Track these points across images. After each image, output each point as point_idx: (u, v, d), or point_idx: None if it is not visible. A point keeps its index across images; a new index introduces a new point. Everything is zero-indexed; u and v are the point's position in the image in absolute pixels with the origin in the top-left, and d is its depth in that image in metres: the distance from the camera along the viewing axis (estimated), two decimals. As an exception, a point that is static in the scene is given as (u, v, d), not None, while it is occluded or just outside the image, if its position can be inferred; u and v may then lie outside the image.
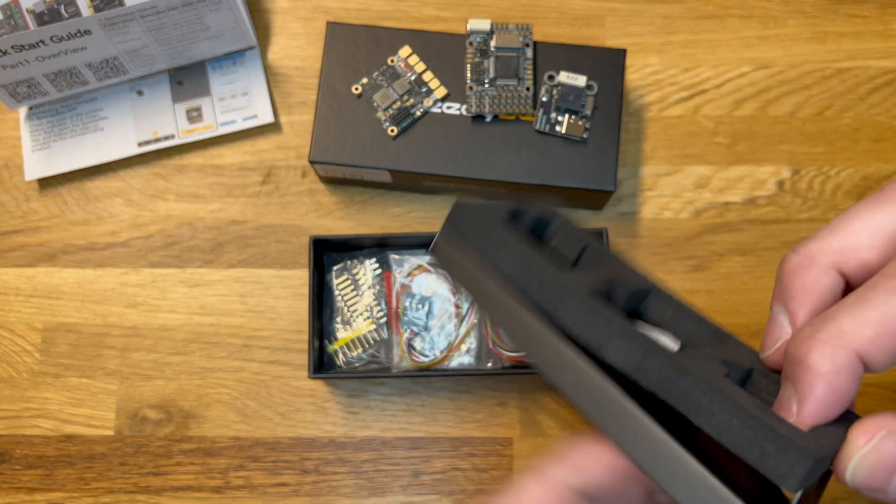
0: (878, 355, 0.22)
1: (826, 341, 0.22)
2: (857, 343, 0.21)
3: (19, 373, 0.48)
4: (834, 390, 0.22)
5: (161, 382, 0.48)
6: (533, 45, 0.46)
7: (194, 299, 0.49)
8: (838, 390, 0.22)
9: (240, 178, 0.50)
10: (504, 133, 0.46)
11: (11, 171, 0.51)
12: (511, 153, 0.45)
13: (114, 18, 0.45)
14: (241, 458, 0.47)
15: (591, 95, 0.45)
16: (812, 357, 0.22)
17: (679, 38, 0.51)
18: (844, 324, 0.22)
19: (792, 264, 0.24)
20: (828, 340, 0.22)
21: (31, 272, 0.50)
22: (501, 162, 0.45)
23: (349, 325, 0.46)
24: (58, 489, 0.47)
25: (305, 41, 0.52)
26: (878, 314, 0.21)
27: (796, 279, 0.24)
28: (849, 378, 0.22)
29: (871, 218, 0.23)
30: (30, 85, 0.48)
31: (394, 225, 0.49)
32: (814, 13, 0.51)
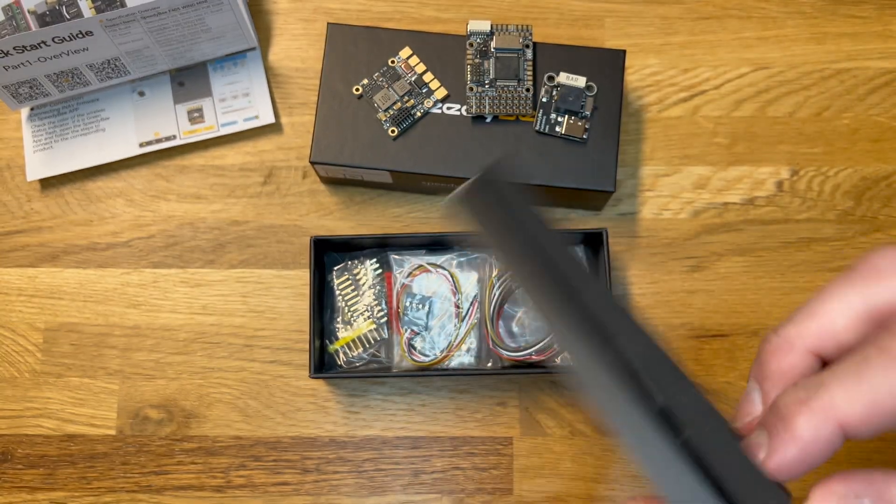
0: (863, 431, 0.22)
1: (816, 410, 0.22)
2: (846, 418, 0.22)
3: (21, 373, 0.49)
4: (805, 457, 0.23)
5: (162, 382, 0.48)
6: (533, 46, 0.46)
7: (196, 299, 0.49)
8: (809, 458, 0.23)
9: (241, 179, 0.50)
10: (504, 134, 0.46)
11: (13, 171, 0.51)
12: (511, 154, 0.46)
13: (115, 19, 0.45)
14: (243, 458, 0.47)
15: (591, 96, 0.46)
16: (798, 421, 0.23)
17: (678, 38, 0.51)
18: (836, 396, 0.22)
19: (772, 346, 0.25)
20: (818, 410, 0.22)
21: (32, 272, 0.50)
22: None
23: (350, 324, 0.47)
24: (60, 488, 0.47)
25: (306, 42, 0.52)
26: (870, 392, 0.22)
27: (774, 361, 0.25)
28: (824, 448, 0.23)
29: (845, 299, 0.24)
30: (32, 86, 0.48)
31: (394, 225, 0.49)
32: (813, 14, 0.51)
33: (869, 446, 0.46)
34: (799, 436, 0.23)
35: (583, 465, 0.46)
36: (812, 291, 0.50)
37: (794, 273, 0.48)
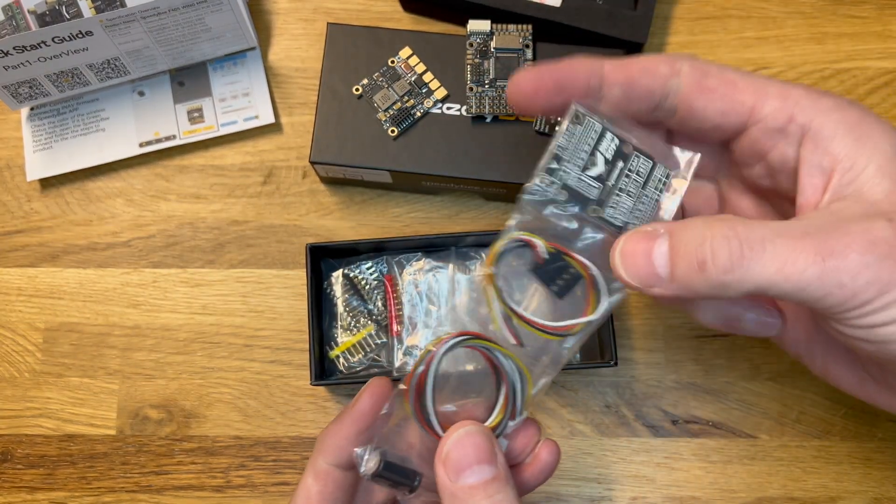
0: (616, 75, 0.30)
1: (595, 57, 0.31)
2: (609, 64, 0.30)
3: (21, 372, 0.49)
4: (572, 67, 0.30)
5: (162, 382, 0.48)
6: (533, 45, 0.46)
7: (195, 299, 0.49)
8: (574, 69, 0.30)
9: (241, 179, 0.51)
10: (504, 134, 0.46)
11: (13, 171, 0.51)
12: (511, 154, 0.46)
13: (115, 19, 0.45)
14: (243, 458, 0.47)
15: (591, 96, 0.46)
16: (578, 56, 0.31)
17: (678, 38, 0.51)
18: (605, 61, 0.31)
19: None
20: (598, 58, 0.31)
21: (32, 272, 0.50)
22: (501, 162, 0.45)
23: (349, 330, 0.46)
24: (59, 488, 0.47)
25: (306, 42, 0.52)
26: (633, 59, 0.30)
27: None
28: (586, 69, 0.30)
29: None
30: (31, 86, 0.48)
31: (394, 225, 0.49)
32: (813, 14, 0.51)
33: (870, 446, 0.46)
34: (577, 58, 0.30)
35: (582, 465, 0.46)
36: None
37: (794, 273, 0.48)
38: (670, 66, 0.30)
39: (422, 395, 0.28)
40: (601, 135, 0.29)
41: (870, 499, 0.45)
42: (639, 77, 0.30)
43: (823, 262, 0.24)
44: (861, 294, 0.24)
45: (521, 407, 0.30)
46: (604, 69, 0.30)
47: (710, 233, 0.25)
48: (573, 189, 0.29)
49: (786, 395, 0.46)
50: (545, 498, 0.46)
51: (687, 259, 0.26)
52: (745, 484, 0.46)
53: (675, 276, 0.26)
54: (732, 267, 0.25)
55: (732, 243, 0.25)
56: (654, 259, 0.26)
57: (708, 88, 0.29)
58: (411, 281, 0.47)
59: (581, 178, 0.29)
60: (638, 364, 0.47)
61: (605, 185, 0.29)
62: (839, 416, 0.46)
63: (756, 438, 0.46)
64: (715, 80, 0.30)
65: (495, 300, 0.29)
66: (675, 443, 0.46)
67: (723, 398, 0.47)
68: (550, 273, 0.29)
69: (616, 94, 0.30)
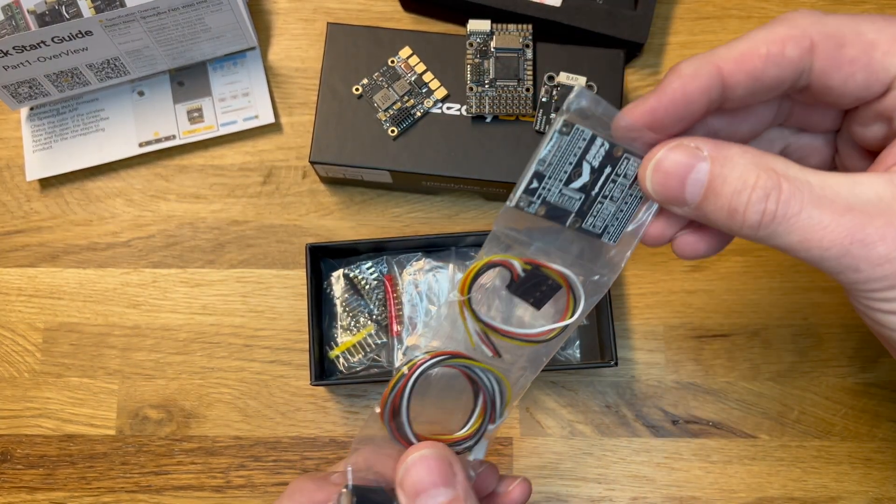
0: (738, 75, 0.25)
1: (699, 57, 0.26)
2: (723, 61, 0.25)
3: (21, 372, 0.49)
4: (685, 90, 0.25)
5: (162, 382, 0.48)
6: (533, 45, 0.46)
7: (195, 299, 0.49)
8: (688, 92, 0.25)
9: (241, 179, 0.50)
10: (504, 133, 0.46)
11: (13, 171, 0.51)
12: (511, 153, 0.46)
13: (115, 19, 0.45)
14: (242, 458, 0.47)
15: (591, 96, 0.46)
16: (681, 64, 0.26)
17: (678, 38, 0.51)
18: (720, 49, 0.26)
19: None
20: (701, 57, 0.26)
21: (32, 272, 0.50)
22: (501, 162, 0.45)
23: (349, 330, 0.46)
24: (59, 488, 0.47)
25: (306, 42, 0.52)
26: (746, 42, 0.25)
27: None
28: (702, 85, 0.25)
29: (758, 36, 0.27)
30: (31, 85, 0.48)
31: (394, 225, 0.49)
32: (813, 14, 0.51)
33: (870, 446, 0.46)
34: (680, 71, 0.26)
35: (583, 465, 0.46)
36: (812, 291, 0.50)
37: (794, 273, 0.48)
38: (798, 46, 0.25)
39: (397, 416, 0.28)
40: (590, 142, 0.27)
41: (870, 499, 0.45)
42: (765, 69, 0.25)
43: (849, 245, 0.23)
44: (873, 283, 0.24)
45: (500, 410, 0.30)
46: (722, 72, 0.25)
47: (753, 180, 0.24)
48: (553, 205, 0.27)
49: (786, 395, 0.46)
50: (545, 498, 0.46)
51: (721, 200, 0.24)
52: (745, 484, 0.46)
53: (700, 208, 0.25)
54: (760, 226, 0.24)
55: (770, 202, 0.24)
56: (687, 184, 0.25)
57: (847, 61, 0.25)
58: (411, 281, 0.47)
59: (563, 192, 0.27)
60: (638, 364, 0.47)
61: (588, 195, 0.27)
62: (839, 416, 0.46)
63: (756, 438, 0.46)
64: (854, 49, 0.25)
65: (470, 320, 0.28)
66: (676, 443, 0.46)
67: (723, 398, 0.47)
68: (527, 288, 0.28)
69: (740, 94, 0.26)
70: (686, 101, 0.25)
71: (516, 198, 0.27)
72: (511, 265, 0.28)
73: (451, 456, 0.28)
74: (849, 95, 0.26)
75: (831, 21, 0.25)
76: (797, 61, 0.25)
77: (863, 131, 0.28)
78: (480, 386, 0.29)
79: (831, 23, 0.25)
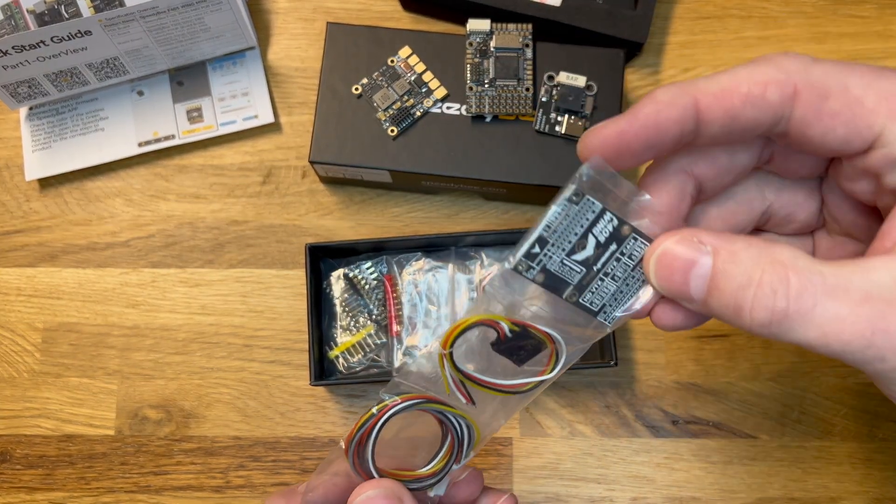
0: (715, 111, 0.24)
1: (678, 85, 0.25)
2: (701, 94, 0.24)
3: (20, 373, 0.48)
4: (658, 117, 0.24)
5: (161, 382, 0.48)
6: (533, 45, 0.46)
7: (195, 299, 0.49)
8: (661, 120, 0.24)
9: (240, 179, 0.50)
10: (504, 133, 0.46)
11: (12, 171, 0.51)
12: (511, 153, 0.45)
13: (114, 19, 0.45)
14: (242, 458, 0.47)
15: (591, 96, 0.46)
16: (658, 91, 0.25)
17: (678, 38, 0.51)
18: (699, 81, 0.25)
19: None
20: (679, 85, 0.25)
21: (31, 272, 0.50)
22: (501, 162, 0.45)
23: (349, 330, 0.46)
24: (58, 489, 0.47)
25: (306, 41, 0.52)
26: (727, 77, 0.25)
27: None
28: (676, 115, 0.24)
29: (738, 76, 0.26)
30: (30, 85, 0.48)
31: (394, 225, 0.49)
32: (814, 13, 0.51)
33: (870, 447, 0.46)
34: (655, 97, 0.25)
35: (583, 465, 0.46)
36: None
37: (794, 273, 0.48)
38: (781, 91, 0.24)
39: (362, 453, 0.28)
40: (599, 215, 0.25)
41: (871, 499, 0.45)
42: (742, 109, 0.24)
43: (871, 336, 0.22)
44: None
45: (466, 452, 0.29)
46: (698, 105, 0.24)
47: (759, 276, 0.22)
48: (552, 273, 0.26)
49: (786, 396, 0.46)
50: (545, 498, 0.46)
51: (725, 297, 0.23)
52: (745, 484, 0.45)
53: (706, 304, 0.24)
54: (770, 324, 0.22)
55: (779, 300, 0.22)
56: (690, 279, 0.24)
57: (829, 114, 0.24)
58: (411, 281, 0.47)
59: (564, 263, 0.26)
60: (638, 364, 0.47)
61: (590, 269, 0.26)
62: (840, 416, 0.46)
63: (756, 439, 0.46)
64: (838, 102, 0.24)
65: (449, 369, 0.28)
66: (676, 443, 0.46)
67: (723, 398, 0.46)
68: (512, 347, 0.28)
69: (714, 132, 0.25)
70: (658, 129, 0.24)
71: (515, 261, 0.26)
72: (499, 326, 0.27)
73: (403, 493, 0.28)
74: (827, 148, 0.25)
75: (819, 70, 0.24)
76: (777, 106, 0.24)
77: (850, 185, 0.27)
78: (449, 428, 0.29)
79: (818, 71, 0.24)
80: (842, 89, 0.24)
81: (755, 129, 0.25)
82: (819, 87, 0.24)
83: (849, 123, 0.24)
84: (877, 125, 0.24)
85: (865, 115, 0.24)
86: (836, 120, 0.24)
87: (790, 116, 0.25)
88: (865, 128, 0.24)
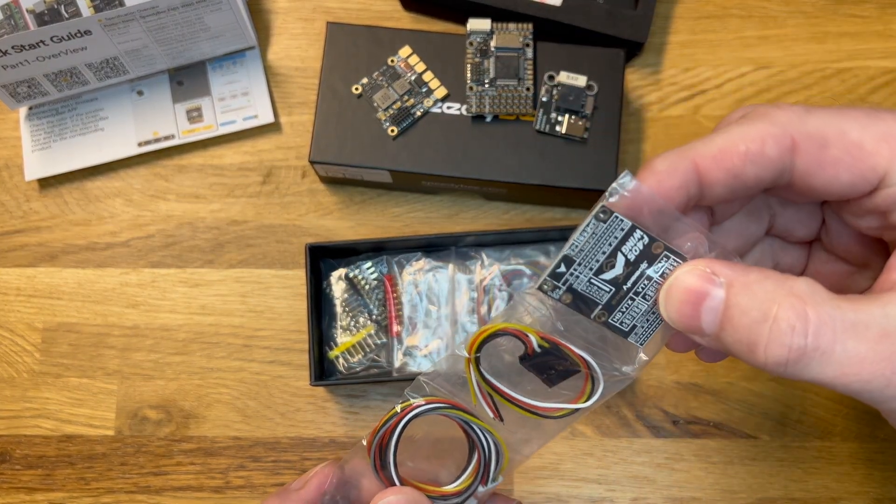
0: (717, 172, 0.24)
1: (676, 152, 0.24)
2: (700, 157, 0.24)
3: (19, 373, 0.48)
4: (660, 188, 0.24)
5: (161, 382, 0.48)
6: (533, 44, 0.46)
7: (194, 299, 0.49)
8: (664, 190, 0.24)
9: (240, 179, 0.50)
10: (504, 133, 0.46)
11: (11, 171, 0.51)
12: (511, 153, 0.45)
13: (114, 19, 0.45)
14: (242, 458, 0.47)
15: (591, 95, 0.45)
16: (656, 160, 0.25)
17: (679, 38, 0.51)
18: (696, 144, 0.24)
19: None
20: (677, 151, 0.24)
21: (31, 272, 0.50)
22: (501, 162, 0.45)
23: (349, 330, 0.46)
24: (58, 489, 0.47)
25: (306, 41, 0.52)
26: (724, 138, 0.24)
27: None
28: (678, 183, 0.24)
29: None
30: (30, 85, 0.48)
31: (394, 225, 0.49)
32: (814, 13, 0.51)
33: (871, 447, 0.46)
34: (654, 167, 0.24)
35: (583, 465, 0.46)
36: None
37: (795, 273, 0.48)
38: (779, 145, 0.24)
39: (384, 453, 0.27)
40: (629, 233, 0.24)
41: (871, 499, 0.45)
42: (743, 168, 0.24)
43: (892, 375, 0.21)
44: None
45: (493, 475, 0.28)
46: (699, 169, 0.24)
47: (774, 310, 0.21)
48: (580, 294, 0.25)
49: (787, 396, 0.46)
50: (546, 499, 0.46)
51: (738, 333, 0.22)
52: (746, 485, 0.45)
53: (718, 339, 0.23)
54: (787, 363, 0.21)
55: (796, 337, 0.21)
56: (702, 312, 0.23)
57: (830, 162, 0.24)
58: (411, 281, 0.46)
59: (592, 282, 0.25)
60: (638, 364, 0.47)
61: (619, 288, 0.25)
62: (840, 416, 0.46)
63: (757, 439, 0.46)
64: (837, 149, 0.24)
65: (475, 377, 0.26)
66: (676, 443, 0.46)
67: (724, 399, 0.46)
68: (542, 364, 0.26)
69: (718, 192, 0.25)
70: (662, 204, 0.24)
71: (541, 281, 0.25)
72: (527, 338, 0.26)
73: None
74: (833, 194, 0.25)
75: (814, 119, 0.24)
76: (777, 160, 0.24)
77: (855, 220, 0.27)
78: (476, 444, 0.28)
79: (813, 121, 0.24)
80: (839, 135, 0.24)
81: (759, 185, 0.25)
82: (817, 137, 0.24)
83: (852, 168, 0.24)
84: (880, 167, 0.24)
85: (867, 158, 0.24)
86: (838, 167, 0.24)
87: (792, 168, 0.24)
88: (869, 171, 0.24)
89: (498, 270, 0.46)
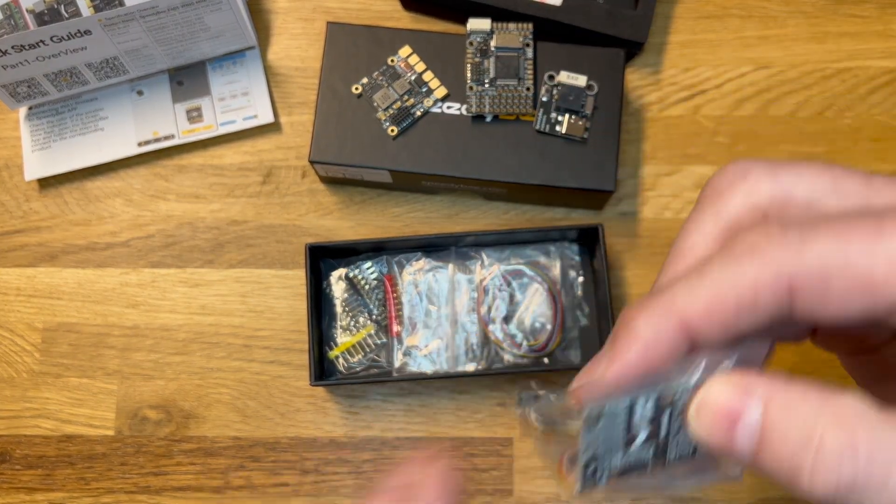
0: (707, 328, 0.22)
1: (657, 308, 0.22)
2: (687, 314, 0.22)
3: (19, 373, 0.48)
4: (647, 357, 0.22)
5: (161, 382, 0.48)
6: (533, 44, 0.46)
7: (194, 299, 0.49)
8: (650, 358, 0.22)
9: (240, 179, 0.50)
10: (504, 133, 0.46)
11: (11, 171, 0.51)
12: (511, 153, 0.45)
13: (114, 18, 0.45)
14: (242, 458, 0.47)
15: (591, 95, 0.45)
16: (638, 322, 0.22)
17: (679, 37, 0.51)
18: (678, 295, 0.22)
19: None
20: (659, 308, 0.22)
21: (31, 272, 0.50)
22: (501, 162, 0.45)
23: (349, 330, 0.46)
24: (58, 489, 0.47)
25: (306, 41, 0.52)
26: (711, 287, 0.21)
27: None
28: (666, 349, 0.22)
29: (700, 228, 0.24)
30: (30, 85, 0.48)
31: (394, 225, 0.49)
32: (814, 13, 0.51)
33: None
34: (638, 334, 0.22)
35: (583, 465, 0.46)
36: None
37: (795, 273, 0.48)
38: (774, 291, 0.21)
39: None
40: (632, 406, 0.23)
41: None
42: (737, 318, 0.22)
43: None
44: None
45: None
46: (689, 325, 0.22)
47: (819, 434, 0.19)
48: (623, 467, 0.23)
49: (787, 396, 0.46)
50: (546, 499, 0.46)
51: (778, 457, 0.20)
52: (746, 485, 0.45)
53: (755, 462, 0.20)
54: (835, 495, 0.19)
55: (846, 467, 0.19)
56: (737, 431, 0.20)
57: (837, 298, 0.21)
58: (411, 281, 0.46)
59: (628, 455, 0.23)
60: (638, 364, 0.47)
61: (657, 439, 0.23)
62: (841, 416, 0.46)
63: (757, 439, 0.46)
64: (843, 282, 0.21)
65: None
66: (676, 443, 0.46)
67: (724, 399, 0.46)
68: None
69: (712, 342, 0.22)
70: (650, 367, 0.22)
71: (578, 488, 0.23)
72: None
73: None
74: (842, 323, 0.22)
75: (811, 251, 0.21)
76: (773, 306, 0.22)
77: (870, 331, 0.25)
78: None
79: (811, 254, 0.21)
80: (843, 266, 0.21)
81: (758, 328, 0.22)
82: (818, 272, 0.21)
83: (862, 300, 0.21)
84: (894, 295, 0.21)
85: (879, 288, 0.21)
86: (846, 302, 0.21)
87: (792, 307, 0.22)
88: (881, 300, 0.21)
89: (498, 270, 0.46)
